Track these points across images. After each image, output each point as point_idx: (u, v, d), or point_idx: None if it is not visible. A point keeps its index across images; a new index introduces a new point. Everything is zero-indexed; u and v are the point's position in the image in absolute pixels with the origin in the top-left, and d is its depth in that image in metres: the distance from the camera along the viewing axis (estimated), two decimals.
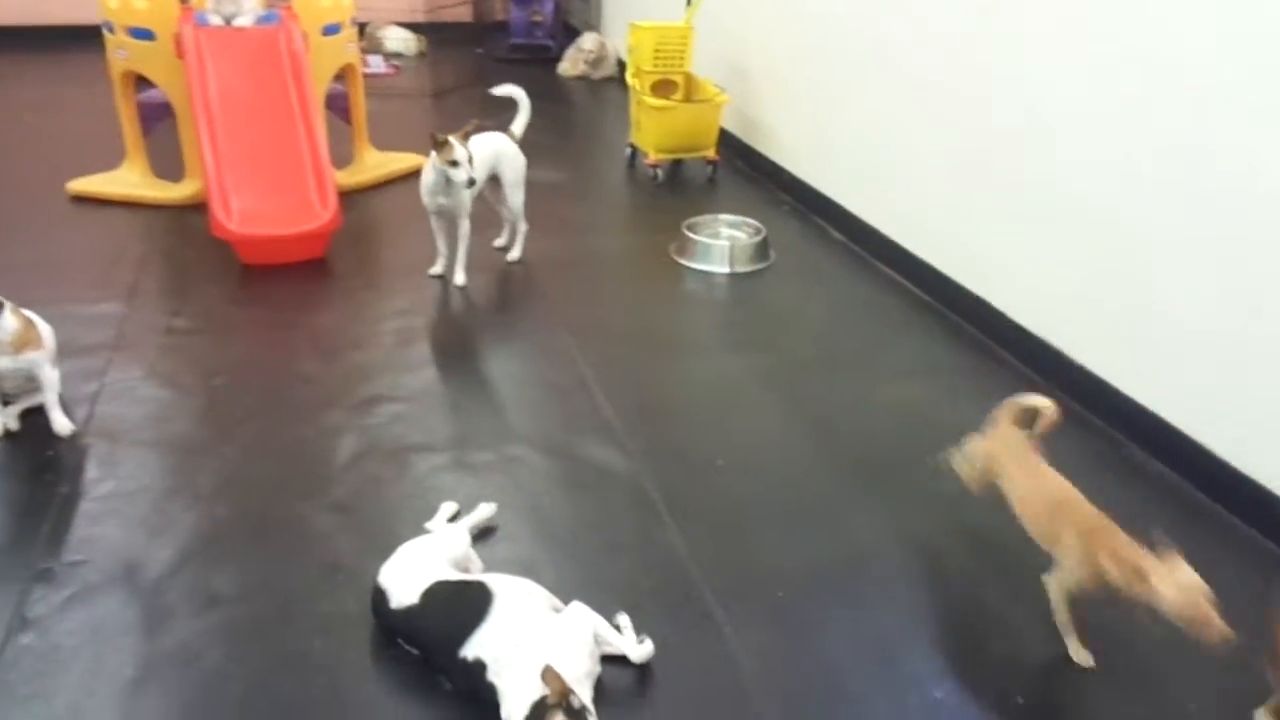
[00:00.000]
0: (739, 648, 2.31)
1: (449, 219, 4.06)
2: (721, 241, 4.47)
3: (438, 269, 4.16)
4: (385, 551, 2.43)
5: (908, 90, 4.18)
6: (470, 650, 2.08)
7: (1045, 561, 2.34)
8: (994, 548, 2.67)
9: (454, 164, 3.75)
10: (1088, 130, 3.23)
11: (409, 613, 2.20)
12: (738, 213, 4.77)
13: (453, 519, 2.65)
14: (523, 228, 4.40)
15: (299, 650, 2.25)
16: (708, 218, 4.68)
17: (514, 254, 4.39)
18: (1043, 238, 3.48)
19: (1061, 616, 2.30)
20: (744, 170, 5.73)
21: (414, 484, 2.85)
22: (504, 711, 1.94)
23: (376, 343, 3.64)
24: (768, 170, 5.51)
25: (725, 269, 4.36)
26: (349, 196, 4.88)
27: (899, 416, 3.30)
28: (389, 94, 6.99)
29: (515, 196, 4.26)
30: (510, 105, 4.50)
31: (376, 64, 7.56)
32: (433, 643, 2.17)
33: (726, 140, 5.68)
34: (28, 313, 2.98)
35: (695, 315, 4.07)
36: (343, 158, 5.19)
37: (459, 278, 4.10)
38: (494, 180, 4.20)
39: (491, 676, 2.03)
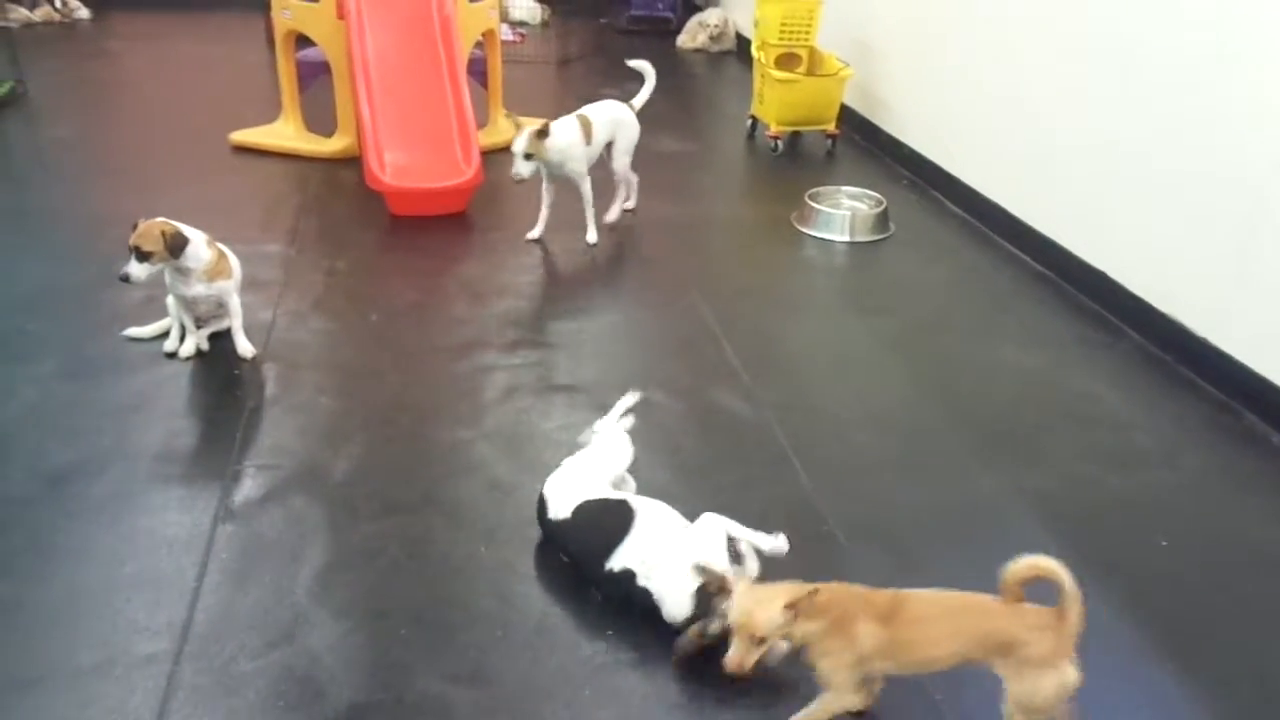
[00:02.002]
0: (864, 580, 2.48)
1: (560, 183, 4.25)
2: (843, 211, 4.60)
3: (536, 233, 4.30)
4: (537, 475, 2.69)
5: (1034, 66, 4.24)
6: (616, 562, 2.31)
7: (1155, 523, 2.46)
8: (1109, 509, 2.79)
9: (527, 156, 3.90)
10: (1218, 105, 3.28)
11: (561, 525, 2.44)
12: (856, 186, 4.89)
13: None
14: (634, 179, 4.61)
15: (467, 554, 2.52)
16: (829, 188, 4.82)
17: (629, 203, 4.63)
18: (1169, 212, 3.53)
19: None
20: (862, 144, 5.83)
21: (560, 419, 3.09)
22: (666, 611, 2.17)
23: (519, 292, 3.90)
24: (887, 145, 5.60)
25: (845, 238, 4.49)
26: (484, 156, 5.15)
27: (1018, 383, 3.42)
28: (514, 61, 7.25)
29: (622, 160, 4.44)
30: (633, 77, 4.68)
31: (504, 32, 7.82)
32: (582, 555, 2.40)
33: (847, 115, 5.78)
34: (220, 246, 3.30)
35: (816, 279, 4.23)
36: (479, 120, 5.45)
37: (590, 235, 4.32)
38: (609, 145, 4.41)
39: (641, 581, 2.26)
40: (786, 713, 2.10)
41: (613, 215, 4.50)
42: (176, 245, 3.09)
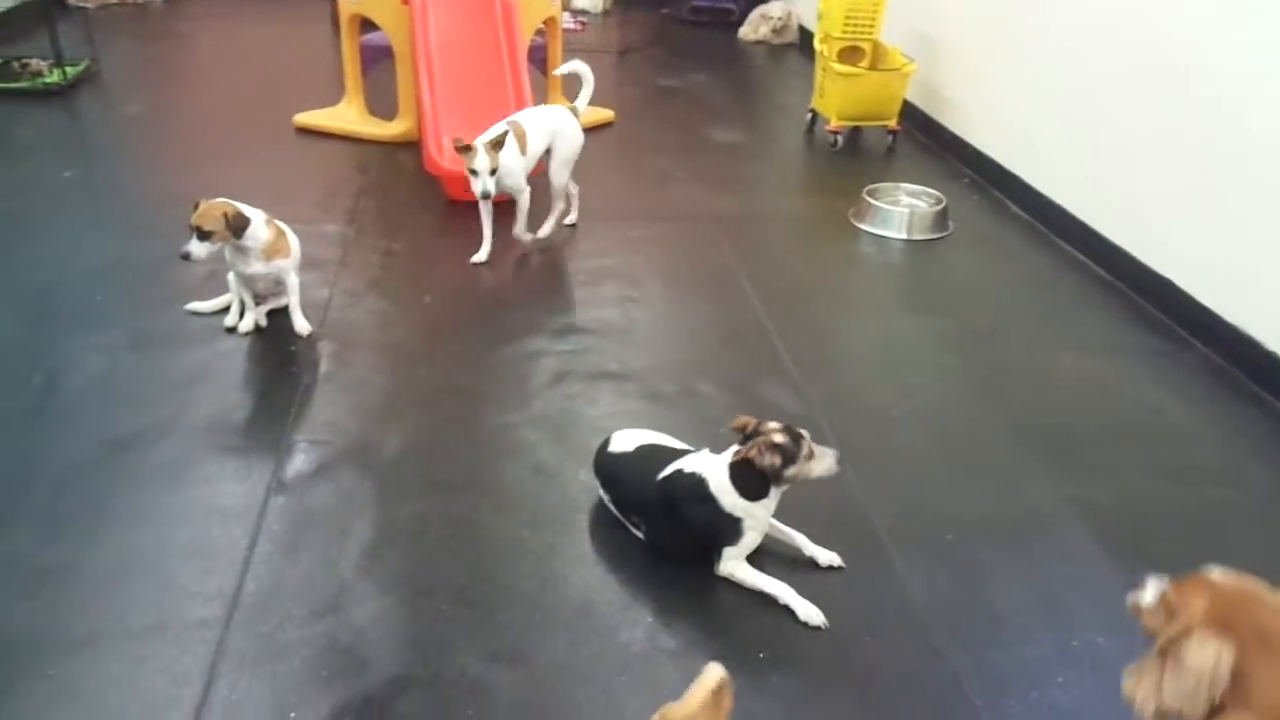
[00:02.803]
0: (909, 580, 2.46)
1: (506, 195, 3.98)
2: (901, 209, 4.54)
3: (483, 255, 3.99)
4: (582, 461, 2.72)
5: (1106, 68, 4.13)
6: (665, 473, 2.45)
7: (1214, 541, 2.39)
8: (1166, 524, 2.72)
9: (474, 173, 3.73)
10: None
11: (620, 456, 2.57)
12: (915, 183, 4.82)
13: None
14: (575, 190, 4.31)
15: (510, 536, 2.54)
16: (888, 185, 4.75)
17: (571, 217, 4.34)
18: (1242, 222, 3.42)
19: None
20: (924, 142, 5.74)
21: (607, 406, 3.10)
22: (714, 481, 2.36)
23: (571, 279, 3.92)
24: (949, 143, 5.51)
25: (903, 235, 4.43)
26: None
27: (1077, 390, 3.35)
28: (575, 49, 7.26)
29: (561, 173, 4.15)
30: (695, 67, 4.66)
31: (565, 20, 7.85)
32: (634, 477, 2.51)
33: (909, 111, 5.69)
34: (280, 224, 3.36)
35: (871, 276, 4.18)
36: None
37: (544, 229, 4.18)
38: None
39: (689, 469, 2.42)
40: (823, 707, 2.09)
41: (546, 230, 4.20)
42: (237, 226, 3.16)
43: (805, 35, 7.46)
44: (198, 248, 3.12)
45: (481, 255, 3.97)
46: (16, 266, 3.80)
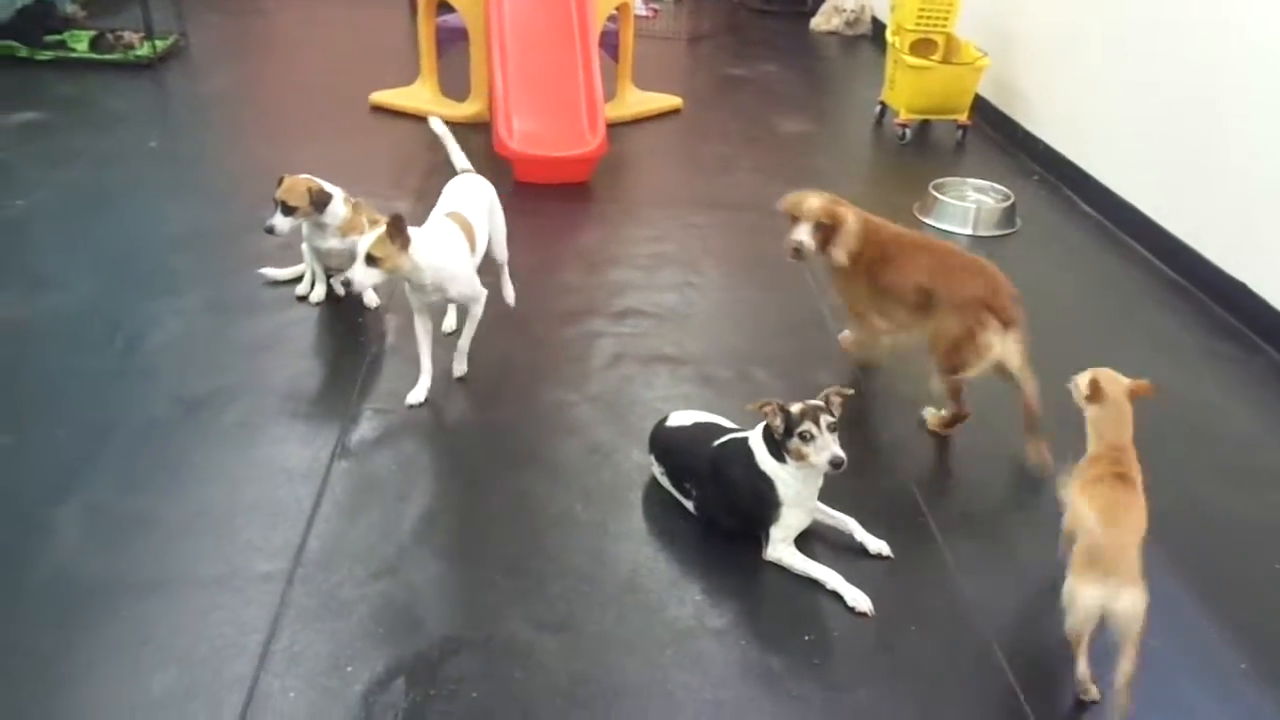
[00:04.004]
0: (960, 574, 2.47)
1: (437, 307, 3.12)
2: (968, 204, 4.49)
3: (419, 395, 2.98)
4: (636, 441, 2.77)
5: (1182, 66, 4.03)
6: (718, 441, 2.52)
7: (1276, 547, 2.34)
8: (1227, 529, 2.68)
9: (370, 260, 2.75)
10: None
11: (677, 430, 2.65)
12: (984, 178, 4.76)
13: None
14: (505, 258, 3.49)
15: (563, 511, 2.60)
16: (955, 180, 4.71)
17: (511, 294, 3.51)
18: None
19: None
20: (994, 137, 5.66)
21: (662, 389, 3.14)
22: (751, 442, 2.43)
23: (632, 263, 3.96)
24: (1020, 139, 5.43)
25: (968, 231, 4.39)
26: (610, 129, 5.21)
27: None
28: (646, 36, 7.29)
29: (504, 249, 3.43)
30: (762, 56, 4.64)
31: (637, 6, 7.87)
32: (691, 445, 2.58)
33: (980, 105, 5.62)
34: (356, 201, 3.46)
35: None
36: (606, 93, 5.53)
37: (459, 367, 3.12)
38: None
39: (743, 433, 2.51)
40: (865, 695, 2.11)
41: (510, 295, 3.53)
42: (320, 201, 3.26)
43: (878, 27, 7.40)
44: (281, 222, 3.22)
45: (418, 394, 2.97)
46: (103, 232, 3.96)
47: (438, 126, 3.40)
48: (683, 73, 6.77)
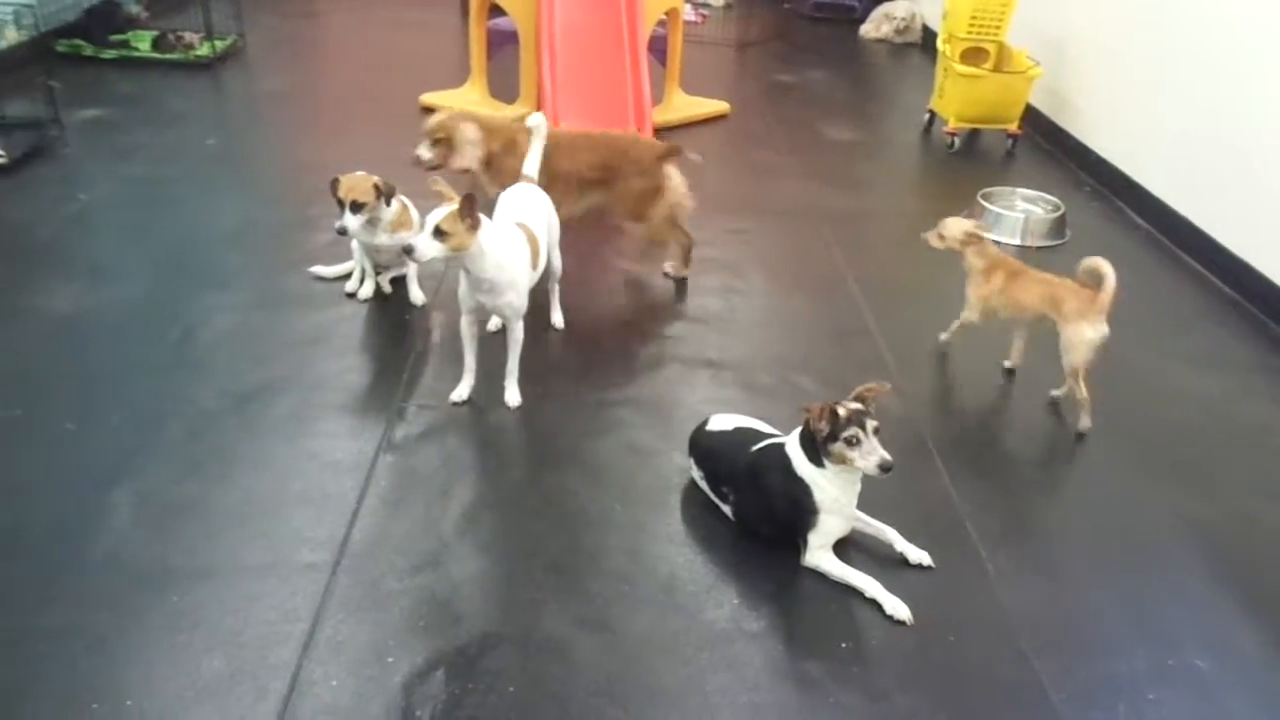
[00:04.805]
0: (1000, 584, 2.44)
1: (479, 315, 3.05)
2: (1016, 214, 4.45)
3: (463, 393, 3.02)
4: (677, 444, 2.78)
5: (1238, 78, 3.96)
6: (758, 445, 2.53)
7: None
8: (1276, 546, 2.63)
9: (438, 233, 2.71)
10: None
11: (717, 434, 2.65)
12: (1034, 188, 4.71)
13: None
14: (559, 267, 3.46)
15: (603, 510, 2.61)
16: (1004, 189, 4.66)
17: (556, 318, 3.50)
18: None
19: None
20: (1045, 147, 5.59)
21: (704, 393, 3.15)
22: (788, 448, 2.43)
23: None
24: (1072, 149, 5.35)
25: (1016, 241, 4.34)
26: (656, 133, 5.23)
27: (1189, 407, 3.24)
28: (694, 41, 7.30)
29: (556, 255, 3.38)
30: (811, 64, 4.63)
31: (686, 12, 7.89)
32: (731, 449, 2.57)
33: (1031, 115, 5.55)
34: (404, 199, 3.51)
35: None
36: (654, 97, 5.54)
37: (512, 395, 3.03)
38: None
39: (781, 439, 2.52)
40: (903, 703, 2.10)
41: (559, 320, 3.50)
42: (388, 194, 3.32)
43: (928, 35, 7.35)
44: (352, 220, 3.23)
45: (462, 391, 3.01)
46: (161, 226, 4.06)
47: (536, 123, 3.35)
48: (730, 78, 6.77)
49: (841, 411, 2.32)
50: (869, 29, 7.93)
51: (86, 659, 2.08)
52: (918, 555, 2.48)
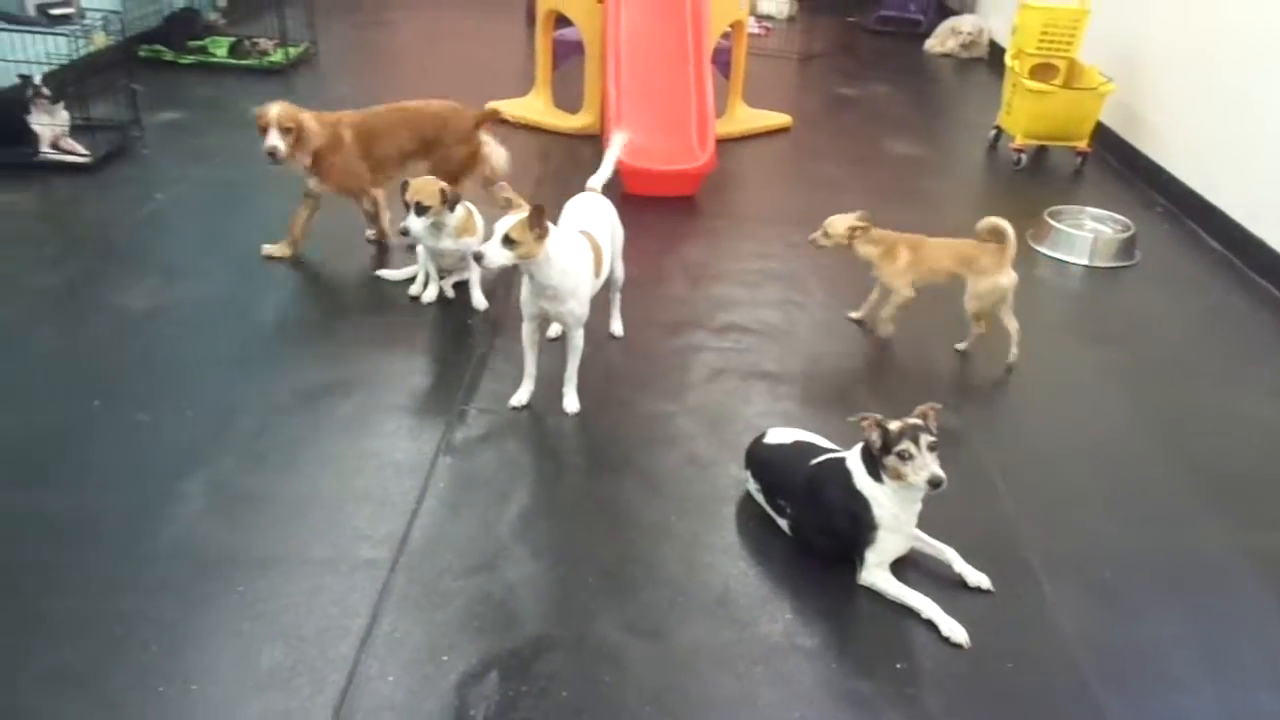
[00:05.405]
0: (1060, 612, 2.40)
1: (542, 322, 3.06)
2: (1085, 233, 4.37)
3: (523, 398, 3.05)
4: (734, 455, 2.78)
5: None
6: (817, 459, 2.53)
7: None
8: None
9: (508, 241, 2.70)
10: None
11: (775, 448, 2.66)
12: (1103, 208, 4.62)
13: None
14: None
15: (658, 520, 2.62)
16: (1073, 208, 4.58)
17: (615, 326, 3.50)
18: None
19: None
20: (1115, 166, 5.48)
21: (761, 405, 3.14)
22: (849, 462, 2.43)
23: (737, 278, 3.97)
24: (1144, 168, 5.25)
25: (1084, 261, 4.27)
26: (719, 144, 5.24)
27: (1260, 435, 3.16)
28: (758, 54, 7.30)
29: (620, 264, 3.38)
30: (877, 78, 4.60)
31: (751, 24, 7.89)
32: (789, 462, 2.57)
33: (1102, 133, 5.45)
34: (468, 205, 3.57)
35: (1046, 301, 4.04)
36: (717, 109, 5.55)
37: (571, 402, 3.06)
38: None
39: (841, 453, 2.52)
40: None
41: (618, 328, 3.50)
42: (453, 201, 3.37)
43: (995, 50, 7.26)
44: (416, 223, 3.30)
45: (521, 396, 3.04)
46: (234, 226, 4.18)
47: (618, 142, 3.53)
48: (793, 91, 6.76)
49: (894, 426, 2.30)
50: (934, 43, 7.86)
51: (156, 642, 2.14)
52: (976, 578, 2.44)
